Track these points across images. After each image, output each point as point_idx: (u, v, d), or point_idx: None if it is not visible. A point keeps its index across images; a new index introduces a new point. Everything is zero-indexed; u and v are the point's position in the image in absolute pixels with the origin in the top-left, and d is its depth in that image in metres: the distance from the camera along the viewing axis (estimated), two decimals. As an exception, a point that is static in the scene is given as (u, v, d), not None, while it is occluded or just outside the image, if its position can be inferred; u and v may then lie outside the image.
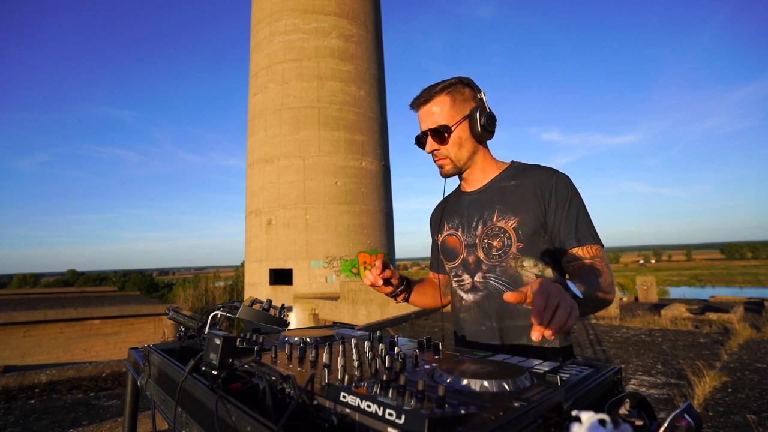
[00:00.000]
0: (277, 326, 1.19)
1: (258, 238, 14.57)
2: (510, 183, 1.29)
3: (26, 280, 59.28)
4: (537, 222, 1.21)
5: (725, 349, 5.55)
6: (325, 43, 14.93)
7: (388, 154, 16.53)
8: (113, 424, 3.49)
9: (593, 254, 1.16)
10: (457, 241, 1.35)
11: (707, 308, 11.15)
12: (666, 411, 3.42)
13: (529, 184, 1.25)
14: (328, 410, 0.60)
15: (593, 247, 1.17)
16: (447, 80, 1.28)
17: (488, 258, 1.26)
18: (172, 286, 37.48)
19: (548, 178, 1.23)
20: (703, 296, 15.03)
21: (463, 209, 1.37)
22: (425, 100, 1.27)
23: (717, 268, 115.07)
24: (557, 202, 1.20)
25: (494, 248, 1.25)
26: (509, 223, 1.23)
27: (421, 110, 1.29)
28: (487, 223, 1.28)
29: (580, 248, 1.17)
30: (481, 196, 1.33)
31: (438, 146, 1.28)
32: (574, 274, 1.17)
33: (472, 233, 1.31)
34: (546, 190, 1.22)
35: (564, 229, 1.19)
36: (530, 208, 1.22)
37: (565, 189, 1.22)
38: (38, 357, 9.78)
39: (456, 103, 1.25)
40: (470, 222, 1.32)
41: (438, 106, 1.25)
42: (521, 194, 1.25)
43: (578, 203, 1.21)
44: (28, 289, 22.99)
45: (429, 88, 1.28)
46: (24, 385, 5.04)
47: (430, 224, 1.56)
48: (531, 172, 1.28)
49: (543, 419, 0.55)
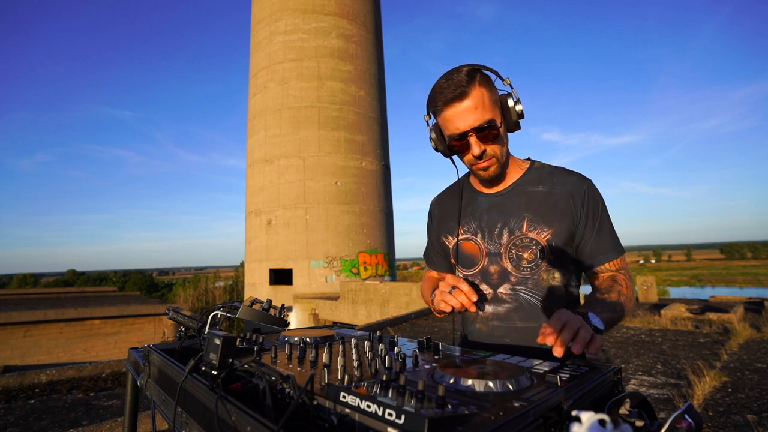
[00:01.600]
0: (277, 326, 1.19)
1: (258, 238, 14.57)
2: (538, 188, 1.21)
3: (26, 280, 59.32)
4: (569, 234, 1.17)
5: (725, 349, 5.55)
6: (325, 43, 14.93)
7: (388, 154, 16.53)
8: (113, 424, 3.49)
9: (618, 266, 1.18)
10: (476, 249, 1.24)
11: (707, 308, 11.15)
12: (666, 411, 3.42)
13: (560, 193, 1.18)
14: (328, 410, 0.60)
15: (619, 260, 1.19)
16: (464, 68, 1.10)
17: (518, 270, 1.18)
18: (172, 286, 37.50)
19: (579, 186, 1.18)
20: (703, 296, 15.03)
21: (481, 212, 1.25)
22: (459, 94, 1.07)
23: (717, 268, 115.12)
24: (587, 215, 1.17)
25: (525, 260, 1.17)
26: (542, 235, 1.16)
27: (454, 108, 1.08)
28: (515, 233, 1.19)
29: (608, 263, 1.18)
30: (504, 200, 1.23)
31: (486, 146, 1.12)
32: (599, 283, 1.19)
33: (495, 241, 1.21)
34: (578, 201, 1.17)
35: (594, 243, 1.17)
36: (564, 220, 1.16)
37: (595, 200, 1.19)
38: (38, 357, 9.79)
39: (491, 94, 1.12)
40: (492, 228, 1.22)
41: (476, 100, 1.07)
42: (553, 203, 1.18)
43: (606, 215, 1.20)
44: (28, 289, 23.00)
45: (455, 81, 1.07)
46: (24, 385, 5.04)
47: (430, 217, 1.43)
48: (560, 178, 1.21)
49: (543, 419, 0.55)
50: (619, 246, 1.20)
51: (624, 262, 1.20)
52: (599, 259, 1.18)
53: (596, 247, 1.17)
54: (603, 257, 1.18)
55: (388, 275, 14.99)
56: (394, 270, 15.89)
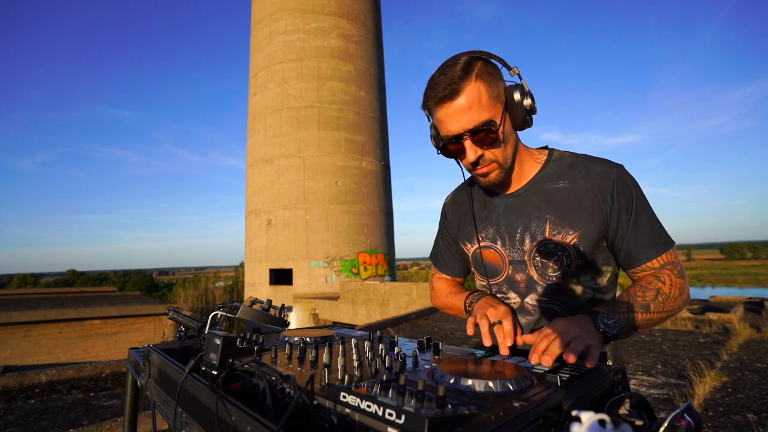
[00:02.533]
0: (277, 326, 1.19)
1: (258, 238, 14.57)
2: (559, 184, 1.06)
3: (26, 280, 59.31)
4: (600, 234, 1.02)
5: (725, 349, 5.55)
6: (325, 43, 14.94)
7: (388, 154, 16.53)
8: (113, 424, 3.49)
9: (664, 262, 1.01)
10: (497, 257, 1.13)
11: (707, 308, 11.14)
12: (666, 411, 3.42)
13: (584, 187, 1.03)
14: (328, 410, 0.60)
15: (665, 255, 1.01)
16: (461, 58, 0.95)
17: (543, 279, 1.06)
18: (172, 286, 37.49)
19: (607, 176, 1.02)
20: (703, 296, 15.04)
21: (498, 216, 1.12)
22: (450, 92, 0.93)
23: (717, 268, 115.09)
24: (620, 208, 1.01)
25: (551, 268, 1.05)
26: (568, 239, 1.02)
27: (445, 108, 0.95)
28: (536, 238, 1.06)
29: (650, 262, 1.01)
30: (522, 201, 1.09)
31: (483, 150, 0.97)
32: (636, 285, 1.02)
33: (517, 248, 1.09)
34: (607, 194, 1.01)
35: (631, 241, 1.01)
36: (592, 219, 1.01)
37: (628, 189, 1.01)
38: (38, 357, 9.79)
39: (490, 88, 0.95)
40: (512, 234, 1.09)
41: (470, 98, 0.93)
42: (577, 200, 1.02)
43: (642, 205, 1.02)
44: (28, 289, 23.00)
45: (448, 75, 0.93)
46: (24, 385, 5.04)
47: (444, 219, 1.30)
48: (583, 169, 1.04)
49: (543, 419, 0.55)
50: (664, 240, 1.01)
51: (672, 257, 1.01)
52: (638, 259, 1.01)
53: (634, 246, 1.01)
54: (643, 256, 1.01)
55: (388, 275, 14.99)
56: (394, 270, 15.90)
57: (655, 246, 1.01)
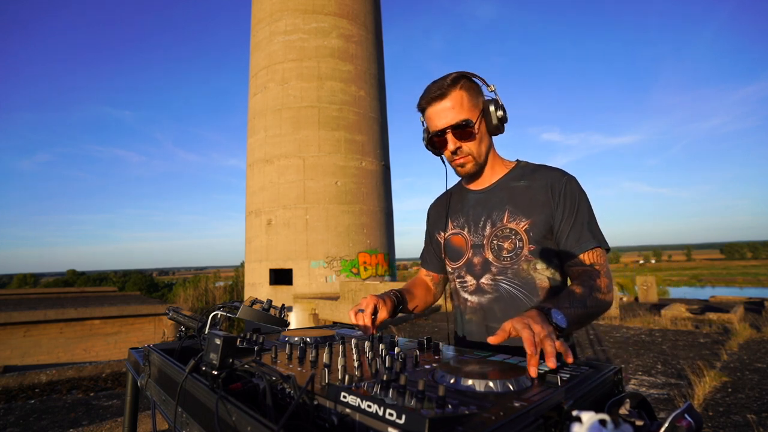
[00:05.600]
0: (277, 326, 1.19)
1: (258, 238, 14.57)
2: (519, 183, 1.27)
3: (26, 280, 59.27)
4: (547, 225, 1.20)
5: (725, 349, 5.55)
6: (325, 43, 14.94)
7: (388, 154, 16.53)
8: (113, 424, 3.49)
9: (593, 260, 1.17)
10: (462, 241, 1.32)
11: (707, 308, 11.14)
12: (666, 411, 3.42)
13: (539, 186, 1.23)
14: (328, 410, 0.60)
15: (595, 252, 1.17)
16: (451, 74, 1.21)
17: (498, 260, 1.24)
18: (172, 286, 37.47)
19: (558, 180, 1.22)
20: (703, 296, 15.02)
21: (468, 208, 1.34)
22: (439, 95, 1.19)
23: (717, 268, 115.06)
24: (565, 206, 1.20)
25: (505, 250, 1.23)
26: (521, 225, 1.22)
27: (434, 107, 1.20)
28: (496, 224, 1.25)
29: (584, 254, 1.17)
30: (489, 196, 1.30)
31: (461, 143, 1.21)
32: (574, 278, 1.20)
33: (479, 233, 1.28)
34: (556, 193, 1.21)
35: (570, 234, 1.18)
36: (542, 210, 1.21)
37: (573, 192, 1.21)
38: (38, 357, 9.78)
39: (471, 97, 1.20)
40: (477, 222, 1.30)
41: (454, 101, 1.18)
42: (532, 195, 1.23)
43: (585, 207, 1.21)
44: (28, 289, 22.98)
45: (438, 83, 1.20)
46: (24, 385, 5.03)
47: (428, 219, 1.53)
48: (541, 173, 1.26)
49: (543, 419, 0.55)
50: (600, 239, 1.18)
51: (601, 258, 1.17)
52: (574, 251, 1.18)
53: (571, 238, 1.18)
54: (577, 248, 1.17)
55: (388, 275, 14.99)
56: (394, 270, 15.89)
57: (588, 241, 1.17)
